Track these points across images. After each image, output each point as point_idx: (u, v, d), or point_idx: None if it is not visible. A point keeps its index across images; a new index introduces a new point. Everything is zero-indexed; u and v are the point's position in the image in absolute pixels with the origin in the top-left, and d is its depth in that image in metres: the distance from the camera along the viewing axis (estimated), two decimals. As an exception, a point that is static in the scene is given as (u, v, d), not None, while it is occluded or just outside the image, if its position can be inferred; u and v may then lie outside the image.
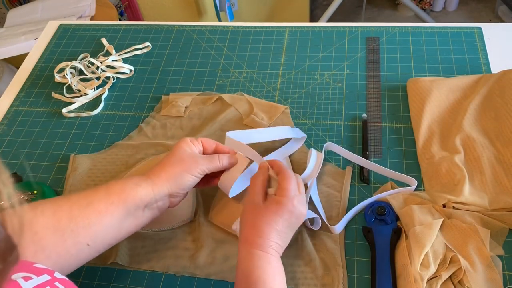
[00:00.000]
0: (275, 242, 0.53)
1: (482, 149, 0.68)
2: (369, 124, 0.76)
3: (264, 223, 0.54)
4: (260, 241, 0.53)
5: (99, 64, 0.92)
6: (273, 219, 0.54)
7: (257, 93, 0.84)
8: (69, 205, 0.53)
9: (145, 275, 0.63)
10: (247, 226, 0.55)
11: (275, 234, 0.54)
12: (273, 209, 0.54)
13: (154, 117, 0.82)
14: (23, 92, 0.91)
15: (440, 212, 0.62)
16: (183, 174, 0.57)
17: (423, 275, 0.55)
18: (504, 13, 2.13)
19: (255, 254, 0.52)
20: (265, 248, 0.53)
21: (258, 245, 0.53)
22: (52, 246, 0.50)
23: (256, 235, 0.53)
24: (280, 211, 0.54)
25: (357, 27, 0.93)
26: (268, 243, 0.53)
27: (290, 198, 0.55)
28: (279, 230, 0.54)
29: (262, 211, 0.54)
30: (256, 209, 0.55)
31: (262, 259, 0.52)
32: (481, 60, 0.83)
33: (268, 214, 0.54)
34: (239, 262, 0.53)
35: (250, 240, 0.53)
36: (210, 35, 0.96)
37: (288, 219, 0.55)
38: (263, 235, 0.53)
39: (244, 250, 0.53)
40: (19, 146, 0.82)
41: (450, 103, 0.75)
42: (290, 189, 0.55)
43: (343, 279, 0.59)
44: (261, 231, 0.53)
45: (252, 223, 0.54)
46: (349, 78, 0.84)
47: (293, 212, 0.55)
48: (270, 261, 0.52)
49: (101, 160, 0.77)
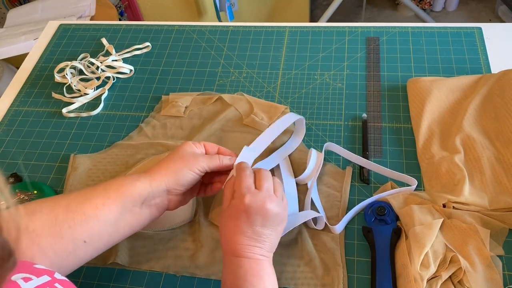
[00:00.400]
0: (247, 245, 0.53)
1: (482, 149, 0.68)
2: (369, 124, 0.76)
3: (229, 229, 0.54)
4: (232, 247, 0.53)
5: (99, 64, 0.92)
6: (234, 223, 0.54)
7: (257, 93, 0.84)
8: (67, 201, 0.53)
9: (145, 275, 0.63)
10: (221, 235, 0.56)
11: (241, 237, 0.53)
12: (229, 213, 0.55)
13: (154, 117, 0.82)
14: (23, 92, 0.91)
15: (440, 212, 0.62)
16: (183, 170, 0.57)
17: (423, 275, 0.55)
18: (504, 13, 2.13)
19: (229, 261, 0.53)
20: (238, 253, 0.53)
21: (231, 251, 0.53)
22: (49, 244, 0.50)
23: (226, 242, 0.54)
24: (236, 214, 0.53)
25: (357, 27, 0.93)
26: (237, 247, 0.53)
27: (240, 199, 0.54)
28: (245, 231, 0.53)
29: (223, 217, 0.56)
30: (224, 216, 0.56)
31: (234, 264, 0.53)
32: (481, 60, 0.83)
33: (229, 219, 0.54)
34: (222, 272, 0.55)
35: (224, 248, 0.55)
36: (210, 35, 0.96)
37: (248, 219, 0.53)
38: (230, 241, 0.54)
39: (224, 260, 0.55)
40: (19, 146, 0.82)
41: (450, 103, 0.75)
42: (241, 188, 0.54)
43: (343, 279, 0.59)
44: (229, 237, 0.54)
45: (222, 231, 0.56)
46: (349, 78, 0.84)
47: (249, 211, 0.53)
48: (240, 264, 0.52)
49: (101, 160, 0.77)
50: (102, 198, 0.53)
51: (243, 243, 0.53)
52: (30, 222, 0.50)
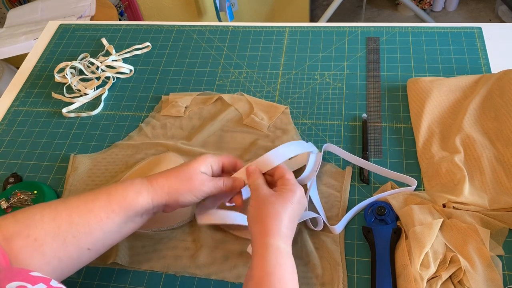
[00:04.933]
0: (286, 233, 0.53)
1: (482, 149, 0.68)
2: (369, 124, 0.76)
3: (275, 215, 0.53)
4: (273, 234, 0.52)
5: (99, 64, 0.92)
6: (284, 209, 0.54)
7: (257, 93, 0.84)
8: (69, 212, 0.52)
9: (145, 275, 0.63)
10: (259, 221, 0.54)
11: (285, 222, 0.53)
12: (287, 196, 0.55)
13: (154, 117, 0.82)
14: (23, 92, 0.91)
15: (440, 212, 0.62)
16: (186, 193, 0.57)
17: (423, 275, 0.55)
18: (504, 13, 2.13)
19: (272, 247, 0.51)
20: (279, 241, 0.52)
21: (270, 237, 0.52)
22: (53, 252, 0.50)
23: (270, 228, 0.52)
24: (292, 198, 0.55)
25: (357, 27, 0.93)
26: (281, 234, 0.52)
27: (298, 187, 0.57)
28: (291, 218, 0.54)
29: (274, 202, 0.54)
30: (265, 203, 0.54)
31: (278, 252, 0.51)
32: (481, 60, 0.83)
33: (281, 203, 0.54)
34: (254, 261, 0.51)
35: (264, 234, 0.52)
36: (210, 35, 0.96)
37: (297, 207, 0.55)
38: (275, 228, 0.52)
39: (258, 246, 0.52)
40: (19, 146, 0.82)
41: (450, 103, 0.75)
42: (294, 179, 0.58)
43: (343, 279, 0.59)
44: (274, 224, 0.53)
45: (265, 216, 0.54)
46: (349, 78, 0.84)
47: (301, 201, 0.56)
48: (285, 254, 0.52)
49: (101, 160, 0.77)
50: (106, 211, 0.53)
51: (286, 231, 0.53)
52: (31, 231, 0.50)
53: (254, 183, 0.58)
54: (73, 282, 0.63)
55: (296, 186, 0.57)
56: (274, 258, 0.50)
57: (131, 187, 0.56)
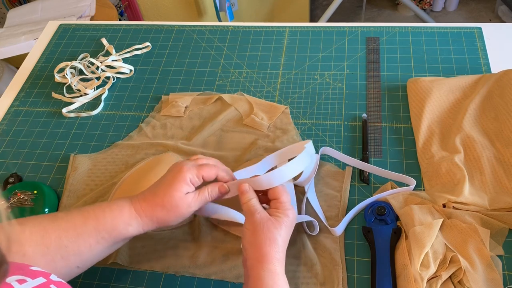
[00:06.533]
0: (281, 257, 0.54)
1: (482, 149, 0.68)
2: (369, 124, 0.76)
3: (272, 241, 0.53)
4: (271, 260, 0.53)
5: (99, 64, 0.92)
6: (279, 234, 0.54)
7: (257, 93, 0.84)
8: (57, 234, 0.53)
9: (145, 275, 0.63)
10: (255, 246, 0.54)
11: (281, 247, 0.54)
12: (282, 221, 0.55)
13: (154, 117, 0.82)
14: (23, 92, 0.91)
15: (440, 212, 0.62)
16: (174, 219, 0.57)
17: (423, 275, 0.55)
18: (504, 13, 2.13)
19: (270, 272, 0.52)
20: (275, 265, 0.53)
21: (268, 263, 0.53)
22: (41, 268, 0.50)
23: (267, 254, 0.53)
24: (287, 223, 0.55)
25: (357, 27, 0.93)
26: (277, 258, 0.53)
27: (292, 210, 0.57)
28: (285, 242, 0.55)
29: (270, 228, 0.54)
30: (263, 229, 0.54)
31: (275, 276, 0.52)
32: (481, 60, 0.83)
33: (277, 228, 0.54)
34: (251, 282, 0.52)
35: (262, 260, 0.53)
36: (210, 35, 0.96)
37: (289, 230, 0.56)
38: (272, 253, 0.53)
39: (256, 270, 0.53)
40: (19, 146, 0.82)
41: (450, 103, 0.75)
42: (289, 201, 0.57)
43: (343, 279, 0.59)
44: (271, 250, 0.53)
45: (262, 243, 0.54)
46: (349, 78, 0.84)
47: (293, 223, 0.57)
48: (281, 276, 0.53)
49: (101, 160, 0.77)
50: (95, 238, 0.54)
51: (281, 253, 0.54)
52: (20, 247, 0.50)
53: (248, 204, 0.57)
54: (73, 282, 0.63)
55: (290, 209, 0.57)
56: (271, 281, 0.51)
57: (120, 217, 0.56)
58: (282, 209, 0.56)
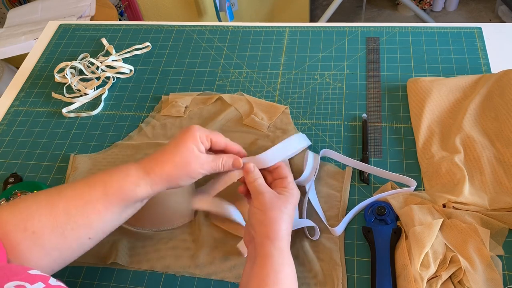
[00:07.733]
0: (288, 234, 0.55)
1: (482, 149, 0.68)
2: (369, 124, 0.76)
3: (281, 219, 0.54)
4: (281, 237, 0.54)
5: (99, 64, 0.92)
6: (287, 212, 0.55)
7: (257, 93, 0.84)
8: (65, 203, 0.52)
9: (145, 275, 0.63)
10: (266, 224, 0.54)
11: (289, 224, 0.55)
12: (289, 200, 0.57)
13: (154, 117, 0.82)
14: (23, 92, 0.91)
15: (440, 212, 0.62)
16: (185, 177, 0.57)
17: (423, 275, 0.55)
18: (504, 13, 2.13)
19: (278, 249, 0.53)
20: (283, 242, 0.54)
21: (279, 240, 0.53)
22: (52, 244, 0.50)
23: (276, 232, 0.53)
24: (293, 201, 0.57)
25: (357, 27, 0.93)
26: (285, 236, 0.54)
27: (297, 189, 0.59)
28: (291, 220, 0.56)
29: (280, 206, 0.55)
30: (273, 207, 0.55)
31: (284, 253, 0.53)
32: (481, 60, 0.83)
33: (285, 207, 0.56)
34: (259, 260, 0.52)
35: (272, 237, 0.53)
36: (210, 35, 0.96)
37: (294, 209, 0.58)
38: (280, 231, 0.54)
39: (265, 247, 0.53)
40: (19, 146, 0.82)
41: (450, 103, 0.75)
42: (293, 181, 0.60)
43: (343, 279, 0.59)
44: (280, 227, 0.54)
45: (273, 220, 0.54)
46: (349, 78, 0.84)
47: (297, 203, 0.59)
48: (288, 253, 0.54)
49: (101, 160, 0.77)
50: (103, 203, 0.53)
51: (288, 230, 0.55)
52: (28, 223, 0.49)
53: (255, 184, 0.58)
54: (73, 282, 0.63)
55: (296, 188, 0.59)
56: (280, 258, 0.52)
57: (127, 178, 0.54)
58: (289, 188, 0.58)
